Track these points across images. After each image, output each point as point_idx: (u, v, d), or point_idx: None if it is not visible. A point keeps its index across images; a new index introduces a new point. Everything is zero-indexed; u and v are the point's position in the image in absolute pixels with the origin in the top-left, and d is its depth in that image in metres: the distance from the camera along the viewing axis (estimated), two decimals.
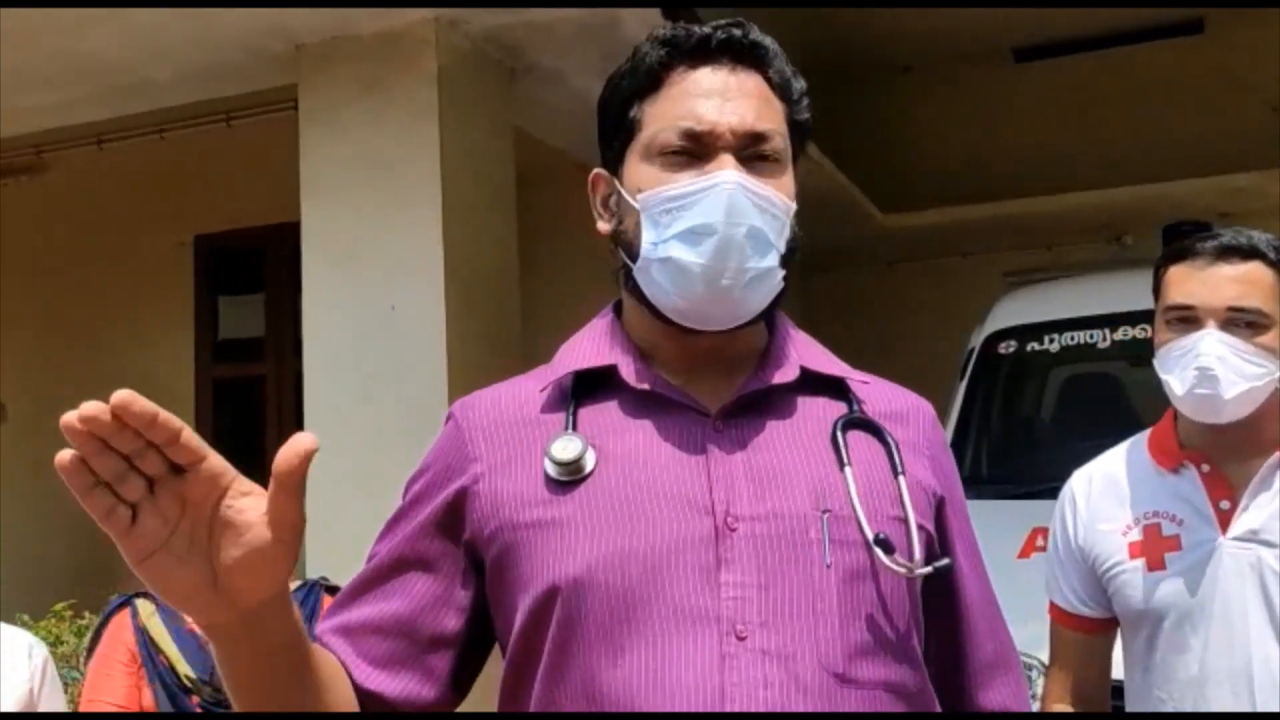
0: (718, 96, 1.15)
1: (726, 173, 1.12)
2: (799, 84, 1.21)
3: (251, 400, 5.94)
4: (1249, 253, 1.72)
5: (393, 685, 1.15)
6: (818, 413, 1.19)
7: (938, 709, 1.17)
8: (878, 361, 1.44)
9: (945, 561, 1.17)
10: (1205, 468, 1.80)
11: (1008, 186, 6.47)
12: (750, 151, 1.14)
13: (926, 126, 7.17)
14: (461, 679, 1.20)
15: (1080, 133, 6.84)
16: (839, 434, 1.17)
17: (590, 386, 1.19)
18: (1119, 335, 3.79)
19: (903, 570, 1.11)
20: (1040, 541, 2.55)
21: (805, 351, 1.23)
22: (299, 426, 3.12)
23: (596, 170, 1.24)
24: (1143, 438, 1.94)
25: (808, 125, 1.22)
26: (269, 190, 4.76)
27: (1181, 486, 1.82)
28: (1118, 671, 1.95)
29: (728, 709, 1.03)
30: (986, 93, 7.13)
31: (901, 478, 1.17)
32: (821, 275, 7.15)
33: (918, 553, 1.13)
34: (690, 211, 1.12)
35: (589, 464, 1.13)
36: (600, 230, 1.23)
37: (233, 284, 6.22)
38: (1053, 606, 1.98)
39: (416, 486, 1.22)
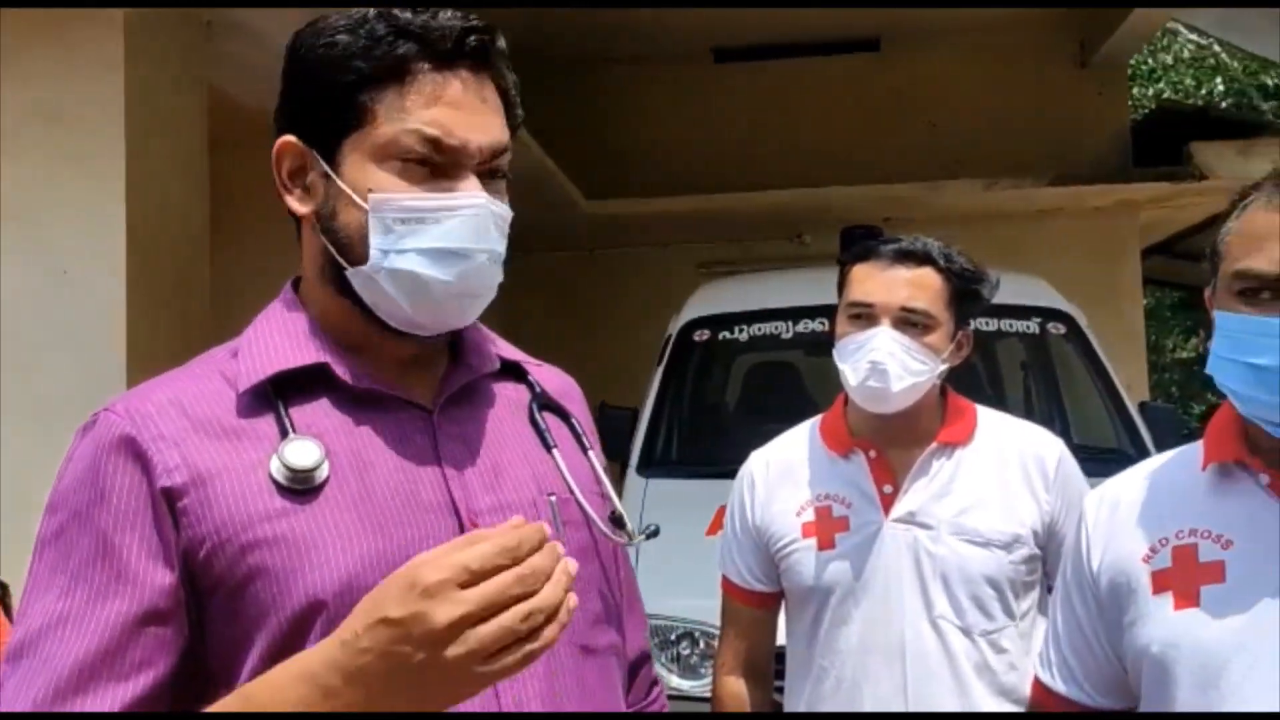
0: (468, 110, 1.08)
1: (478, 196, 1.07)
2: (517, 86, 1.16)
3: None
4: (922, 258, 1.90)
5: None
6: (512, 397, 1.21)
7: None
8: (580, 346, 1.47)
9: (653, 527, 1.25)
10: (872, 454, 1.97)
11: (705, 181, 6.76)
12: (487, 167, 1.09)
13: (631, 119, 7.38)
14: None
15: (770, 135, 7.26)
16: (538, 417, 1.20)
17: (293, 382, 1.10)
18: (800, 327, 4.08)
19: (625, 540, 1.18)
20: None
21: (491, 338, 1.24)
22: None
23: (287, 139, 1.10)
24: (815, 424, 2.10)
25: (519, 126, 1.18)
26: None
27: (850, 471, 1.98)
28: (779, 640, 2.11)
29: (500, 697, 1.04)
30: (688, 90, 7.42)
31: (591, 453, 1.23)
32: (524, 258, 7.17)
33: (629, 523, 1.20)
34: (435, 229, 1.06)
35: (325, 470, 1.05)
36: (295, 209, 1.11)
37: None
38: (726, 581, 2.09)
39: (93, 528, 1.02)
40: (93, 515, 1.01)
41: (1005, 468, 1.95)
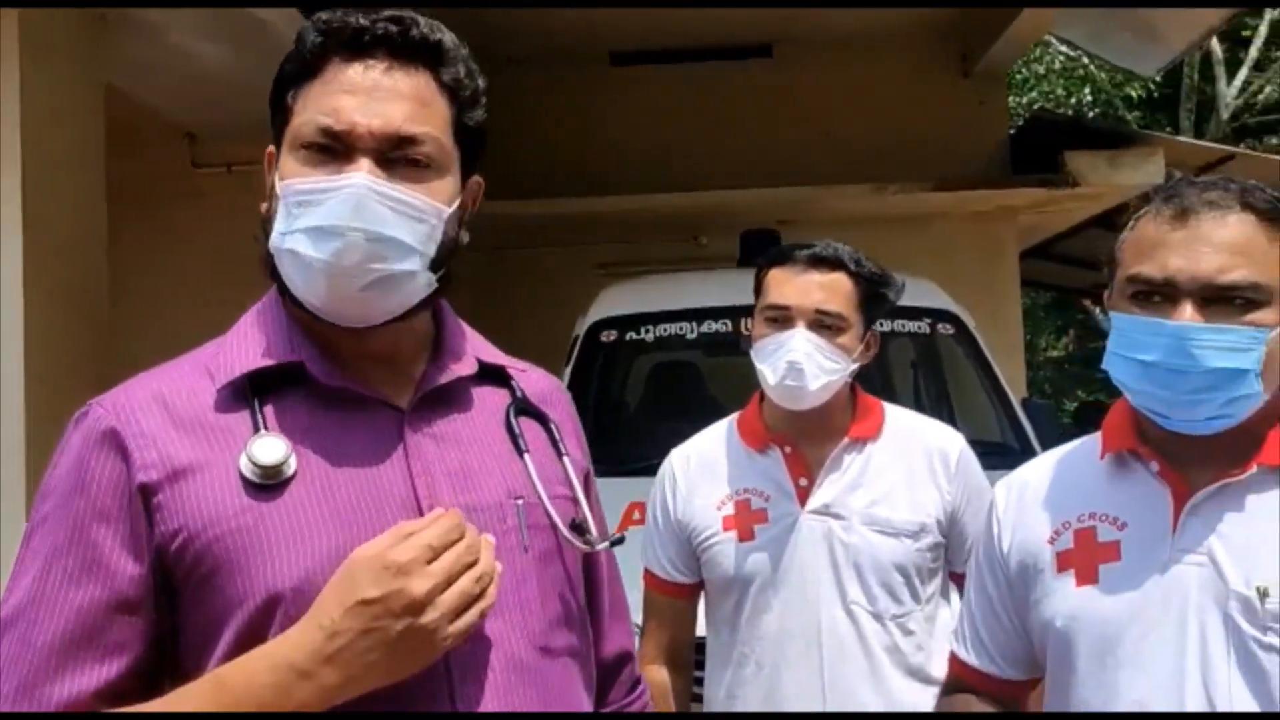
0: (364, 95, 1.11)
1: (357, 175, 1.09)
2: (474, 84, 1.18)
3: None
4: (834, 264, 2.01)
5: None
6: (491, 401, 1.25)
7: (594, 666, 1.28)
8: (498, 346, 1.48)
9: (619, 536, 1.29)
10: (788, 449, 2.08)
11: (604, 183, 6.83)
12: (397, 154, 1.11)
13: (531, 119, 7.40)
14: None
15: (667, 137, 7.36)
16: (513, 421, 1.23)
17: (271, 381, 1.14)
18: (704, 328, 4.19)
19: (588, 548, 1.22)
20: (637, 515, 2.70)
21: (473, 342, 1.28)
22: None
23: (270, 149, 1.18)
24: (732, 421, 2.19)
25: (480, 128, 1.20)
26: None
27: (768, 466, 2.08)
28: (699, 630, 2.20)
29: (455, 694, 1.08)
30: (586, 92, 7.48)
31: (566, 459, 1.26)
32: None
33: (594, 530, 1.24)
34: (317, 210, 1.09)
35: (292, 466, 1.09)
36: (262, 209, 1.17)
37: None
38: (648, 574, 2.17)
39: (71, 518, 1.07)
40: (73, 505, 1.07)
41: (911, 461, 2.07)
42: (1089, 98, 15.08)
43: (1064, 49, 13.56)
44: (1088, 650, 1.38)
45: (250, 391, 1.13)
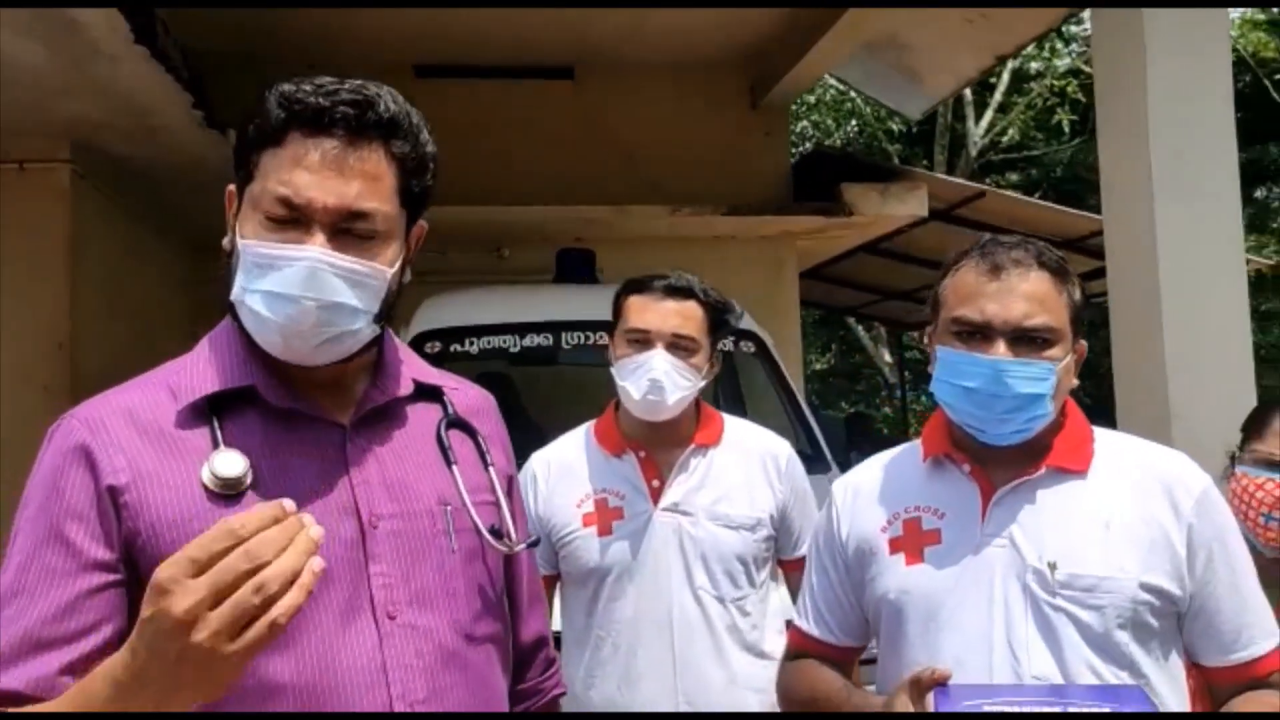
0: (322, 172, 1.21)
1: (312, 250, 1.21)
2: (422, 152, 1.30)
3: None
4: (687, 293, 2.29)
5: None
6: (425, 417, 1.41)
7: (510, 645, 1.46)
8: None
9: (535, 539, 1.48)
10: (642, 454, 2.33)
11: None
12: (348, 226, 1.23)
13: None
14: None
15: (471, 152, 7.49)
16: (444, 435, 1.39)
17: (227, 400, 1.28)
18: (526, 341, 4.38)
19: (506, 549, 1.39)
20: None
21: (410, 364, 1.43)
22: None
23: (230, 187, 1.30)
24: (589, 428, 2.43)
25: (426, 194, 1.34)
26: None
27: (623, 469, 2.33)
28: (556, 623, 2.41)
29: (390, 680, 1.23)
30: None
31: (492, 469, 1.43)
32: (216, 259, 7.02)
33: (514, 533, 1.41)
34: (274, 275, 1.21)
35: (248, 480, 1.23)
36: (224, 245, 1.29)
37: None
38: None
39: (47, 519, 1.20)
40: (50, 507, 1.21)
41: (748, 464, 2.37)
42: (855, 129, 16.18)
43: (835, 83, 14.49)
44: (916, 617, 1.68)
45: (209, 410, 1.27)
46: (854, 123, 16.07)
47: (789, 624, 1.92)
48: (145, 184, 5.79)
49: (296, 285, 1.21)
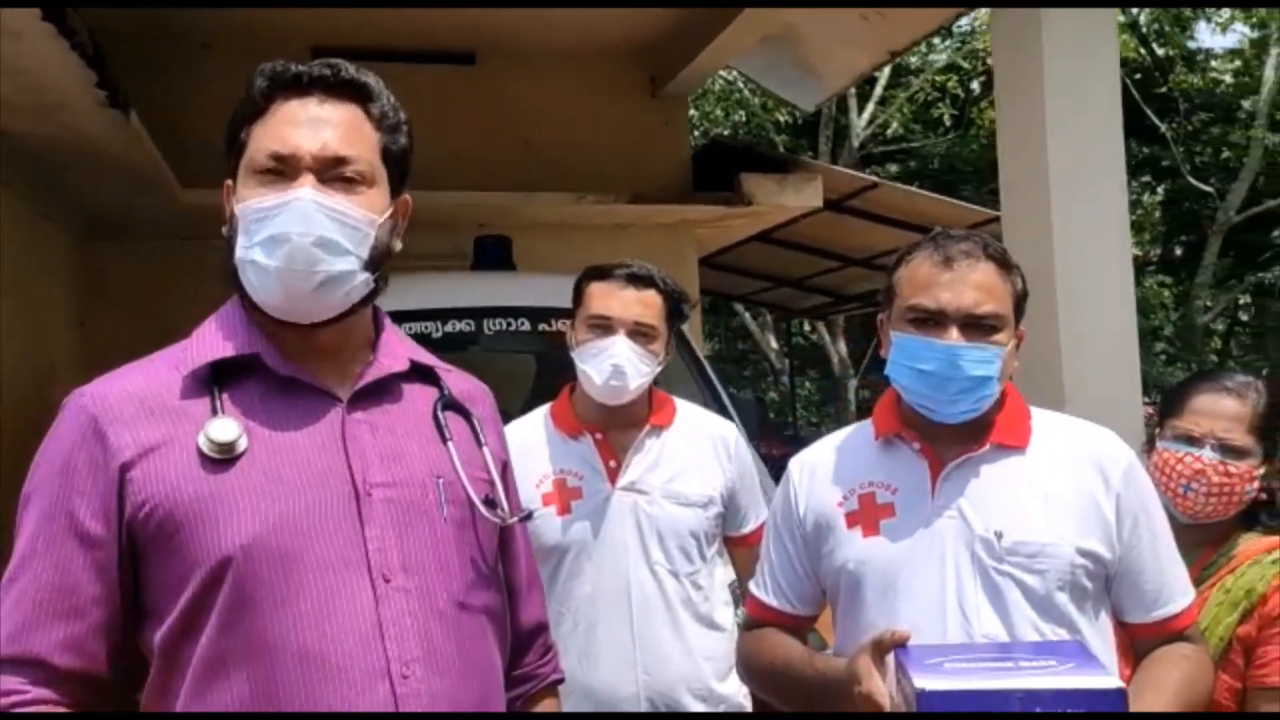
0: (304, 125, 1.35)
1: (303, 190, 1.32)
2: (397, 116, 1.44)
3: None
4: (648, 282, 2.38)
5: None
6: (421, 396, 1.48)
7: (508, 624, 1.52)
8: (171, 339, 1.49)
9: (529, 511, 1.57)
10: (598, 436, 2.42)
11: None
12: (334, 173, 1.34)
13: (225, 107, 7.20)
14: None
15: None
16: (439, 414, 1.47)
17: (230, 372, 1.35)
18: (449, 327, 4.40)
19: (499, 520, 1.46)
20: None
21: (407, 345, 1.51)
22: None
23: (227, 180, 1.40)
24: (546, 411, 2.51)
25: (404, 153, 1.46)
26: None
27: (581, 450, 2.42)
28: None
29: (385, 638, 1.30)
30: None
31: (485, 448, 1.51)
32: (107, 245, 6.82)
33: (506, 506, 1.49)
34: (271, 223, 1.32)
35: (243, 444, 1.30)
36: (223, 232, 1.39)
37: None
38: None
39: (55, 491, 1.27)
40: (56, 482, 1.28)
41: (699, 445, 2.47)
42: (743, 119, 16.44)
43: (723, 74, 14.71)
44: (873, 585, 1.80)
45: (211, 380, 1.34)
46: (741, 113, 16.33)
47: (747, 595, 2.03)
48: (39, 165, 5.59)
49: (290, 225, 1.31)
